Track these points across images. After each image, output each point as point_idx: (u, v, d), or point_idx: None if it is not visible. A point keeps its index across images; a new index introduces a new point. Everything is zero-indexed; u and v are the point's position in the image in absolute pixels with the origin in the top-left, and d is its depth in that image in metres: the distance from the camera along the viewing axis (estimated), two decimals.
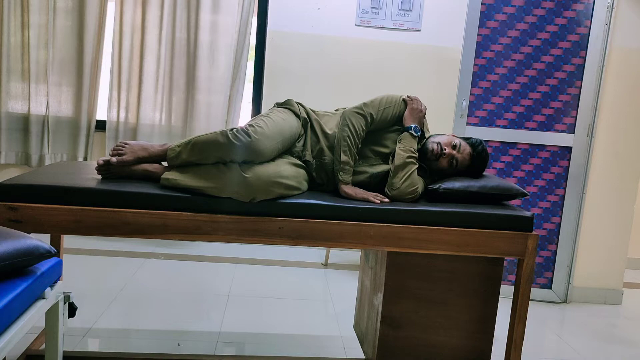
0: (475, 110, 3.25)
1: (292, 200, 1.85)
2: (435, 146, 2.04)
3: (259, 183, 1.79)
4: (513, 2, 3.18)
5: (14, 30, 3.56)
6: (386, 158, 2.06)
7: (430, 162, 2.07)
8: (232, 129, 1.84)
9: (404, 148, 2.00)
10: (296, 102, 2.11)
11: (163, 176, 1.86)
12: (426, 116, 2.14)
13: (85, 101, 3.67)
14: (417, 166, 1.99)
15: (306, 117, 2.08)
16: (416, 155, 2.01)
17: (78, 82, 3.67)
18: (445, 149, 2.04)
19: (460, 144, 2.06)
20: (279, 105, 2.12)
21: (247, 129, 1.83)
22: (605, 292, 3.44)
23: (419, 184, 1.98)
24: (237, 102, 3.78)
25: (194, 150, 1.86)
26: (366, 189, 1.98)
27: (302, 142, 2.05)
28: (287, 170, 1.88)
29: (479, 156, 2.08)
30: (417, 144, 2.04)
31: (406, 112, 2.07)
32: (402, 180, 1.94)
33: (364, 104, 2.03)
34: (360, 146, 2.01)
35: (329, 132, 2.05)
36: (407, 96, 2.10)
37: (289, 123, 2.00)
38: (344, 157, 1.96)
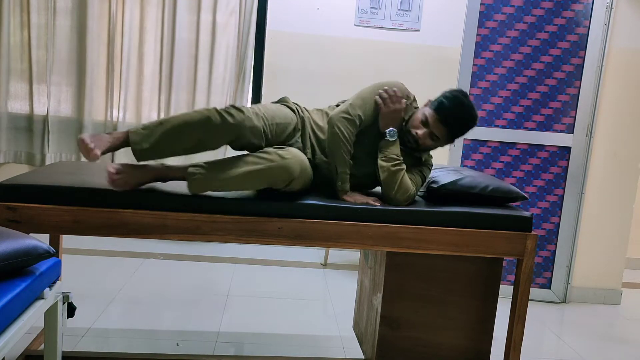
0: None
1: (292, 200, 1.85)
2: (409, 137, 1.96)
3: (298, 167, 1.79)
4: (512, 2, 3.18)
5: (14, 30, 3.56)
6: (376, 155, 2.01)
7: (416, 150, 2.01)
8: (221, 108, 1.76)
9: (385, 158, 1.92)
10: (293, 103, 2.09)
11: (192, 187, 1.78)
12: (418, 103, 2.06)
13: (86, 101, 3.66)
14: (404, 169, 1.93)
15: (302, 116, 2.05)
16: (400, 159, 1.93)
17: (79, 81, 3.66)
18: (417, 133, 1.94)
19: (427, 117, 1.93)
20: (273, 102, 2.10)
21: (239, 106, 1.78)
22: (604, 292, 3.45)
23: (411, 186, 1.93)
24: (243, 103, 3.76)
25: (172, 132, 1.73)
26: (362, 189, 1.98)
27: (300, 140, 2.01)
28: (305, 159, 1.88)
29: (446, 120, 1.91)
30: (400, 140, 1.96)
31: (380, 117, 1.96)
32: (395, 191, 1.90)
33: (350, 105, 1.95)
34: (352, 151, 1.94)
35: (322, 136, 2.01)
36: (380, 93, 1.96)
37: (283, 111, 1.97)
38: (339, 168, 1.91)
